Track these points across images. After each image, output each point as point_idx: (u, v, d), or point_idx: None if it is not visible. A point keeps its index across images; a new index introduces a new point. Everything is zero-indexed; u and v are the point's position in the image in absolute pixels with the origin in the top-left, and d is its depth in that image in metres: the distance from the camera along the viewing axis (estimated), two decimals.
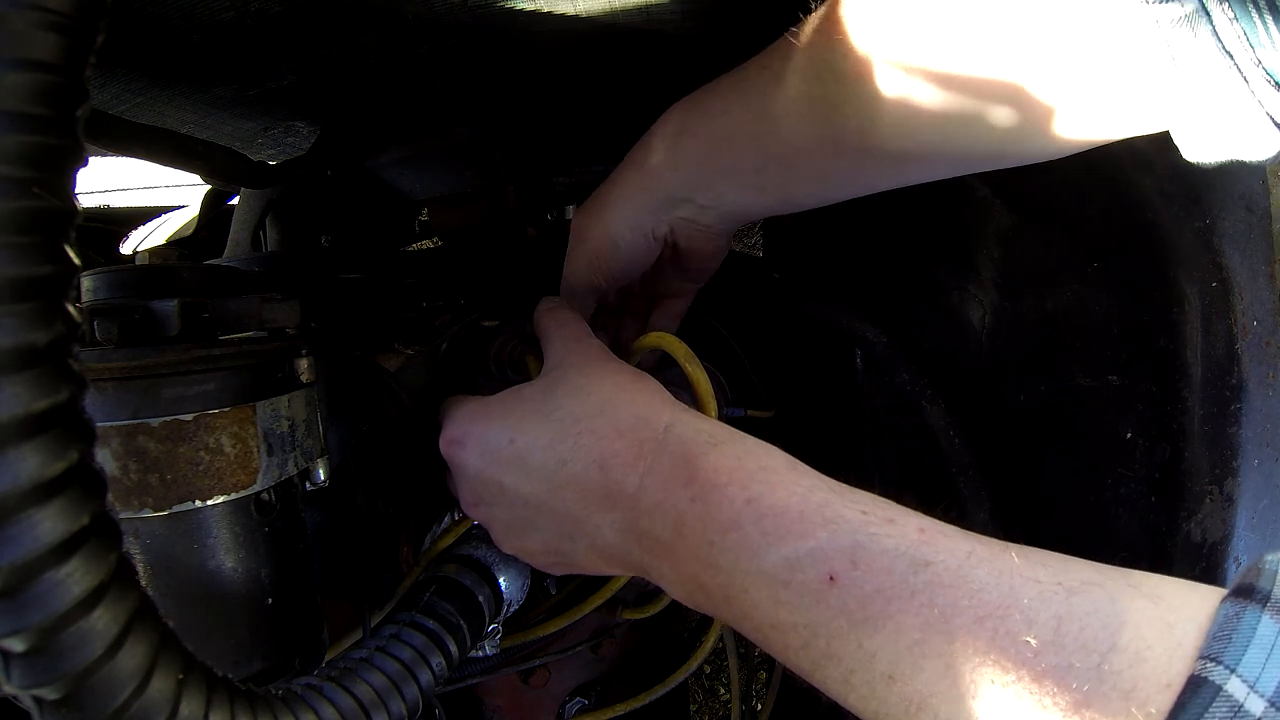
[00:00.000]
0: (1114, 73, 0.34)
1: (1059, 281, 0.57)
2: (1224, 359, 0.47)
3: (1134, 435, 0.52)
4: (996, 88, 0.38)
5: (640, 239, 0.55)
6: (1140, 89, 0.34)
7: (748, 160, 0.49)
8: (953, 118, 0.40)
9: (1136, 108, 0.35)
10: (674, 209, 0.53)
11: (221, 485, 0.40)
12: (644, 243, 0.55)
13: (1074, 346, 0.56)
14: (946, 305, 0.65)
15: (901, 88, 0.40)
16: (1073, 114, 0.37)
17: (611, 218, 0.55)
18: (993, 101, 0.38)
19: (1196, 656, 0.28)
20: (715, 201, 0.52)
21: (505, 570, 0.57)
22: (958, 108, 0.39)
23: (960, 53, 0.38)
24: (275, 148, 0.81)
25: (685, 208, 0.53)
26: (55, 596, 0.24)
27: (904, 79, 0.40)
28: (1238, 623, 0.27)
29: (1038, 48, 0.36)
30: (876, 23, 0.40)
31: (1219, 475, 0.48)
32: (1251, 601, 0.28)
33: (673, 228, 0.55)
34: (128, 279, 0.42)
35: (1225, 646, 0.27)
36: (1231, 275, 0.47)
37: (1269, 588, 0.28)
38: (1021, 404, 0.61)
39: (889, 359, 0.67)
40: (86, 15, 0.24)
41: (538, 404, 0.46)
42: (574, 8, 0.50)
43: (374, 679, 0.42)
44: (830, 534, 0.35)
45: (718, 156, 0.50)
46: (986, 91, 0.38)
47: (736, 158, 0.49)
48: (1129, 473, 0.53)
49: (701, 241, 0.56)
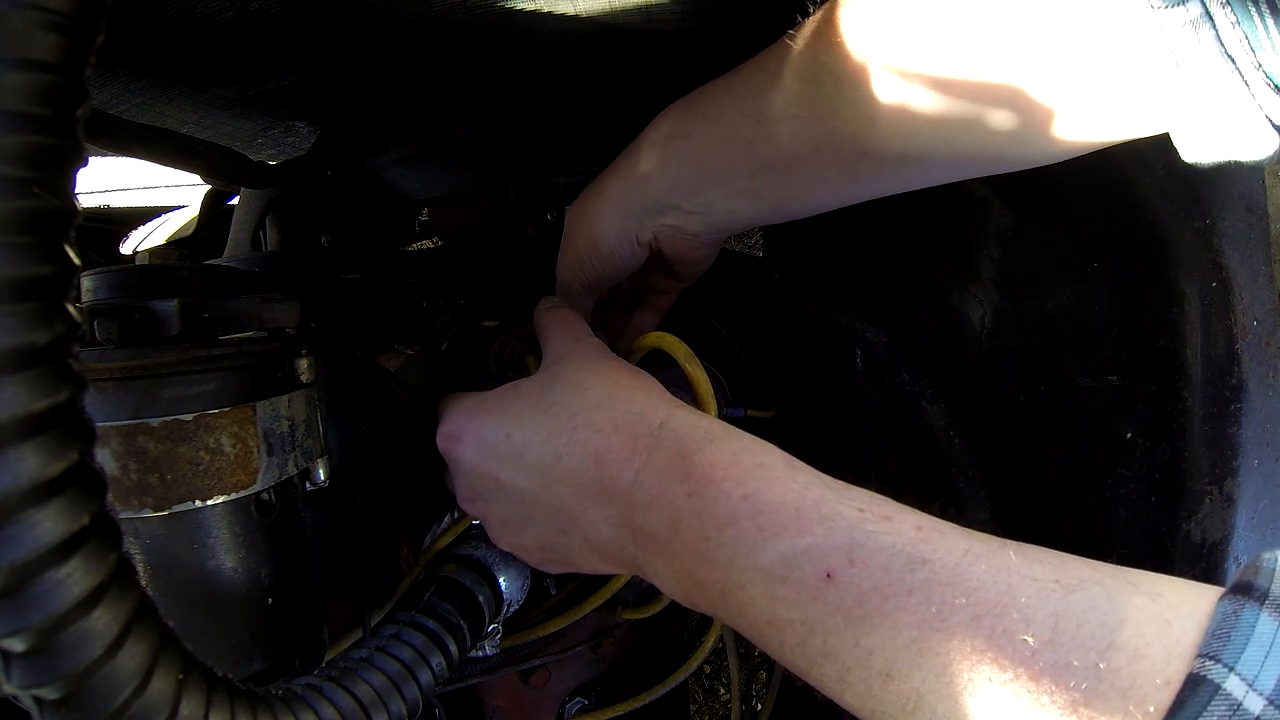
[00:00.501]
0: (1114, 75, 0.34)
1: (1059, 281, 0.57)
2: (1224, 359, 0.47)
3: (1134, 435, 0.52)
4: (996, 91, 0.38)
5: (625, 245, 0.55)
6: (1141, 91, 0.34)
7: (741, 165, 0.48)
8: (952, 121, 0.40)
9: (1136, 110, 0.35)
10: (660, 216, 0.53)
11: (221, 485, 0.40)
12: (629, 248, 0.55)
13: (1074, 346, 0.56)
14: (946, 305, 0.65)
15: (900, 90, 0.40)
16: (1072, 117, 0.37)
17: (597, 223, 0.55)
18: (992, 105, 0.38)
19: (1195, 654, 0.27)
20: (703, 209, 0.52)
21: (505, 570, 0.57)
22: (957, 111, 0.39)
23: (960, 56, 0.38)
24: (275, 148, 0.81)
25: (672, 214, 0.53)
26: (55, 596, 0.24)
27: (902, 82, 0.40)
28: (1236, 620, 0.27)
29: (1037, 50, 0.36)
30: (875, 25, 0.40)
31: (1219, 475, 0.48)
32: (1250, 599, 0.28)
33: (657, 234, 0.54)
34: (128, 279, 0.42)
35: (1224, 644, 0.27)
36: (1231, 275, 0.47)
37: (1267, 585, 0.28)
38: (1021, 404, 0.61)
39: (889, 359, 0.67)
40: (86, 15, 0.24)
41: (535, 399, 0.46)
42: (574, 8, 0.50)
43: (374, 679, 0.42)
44: (827, 531, 0.35)
45: (710, 162, 0.49)
46: (986, 95, 0.38)
47: (730, 163, 0.49)
48: (1129, 473, 0.53)
49: (687, 249, 0.56)
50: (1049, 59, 0.36)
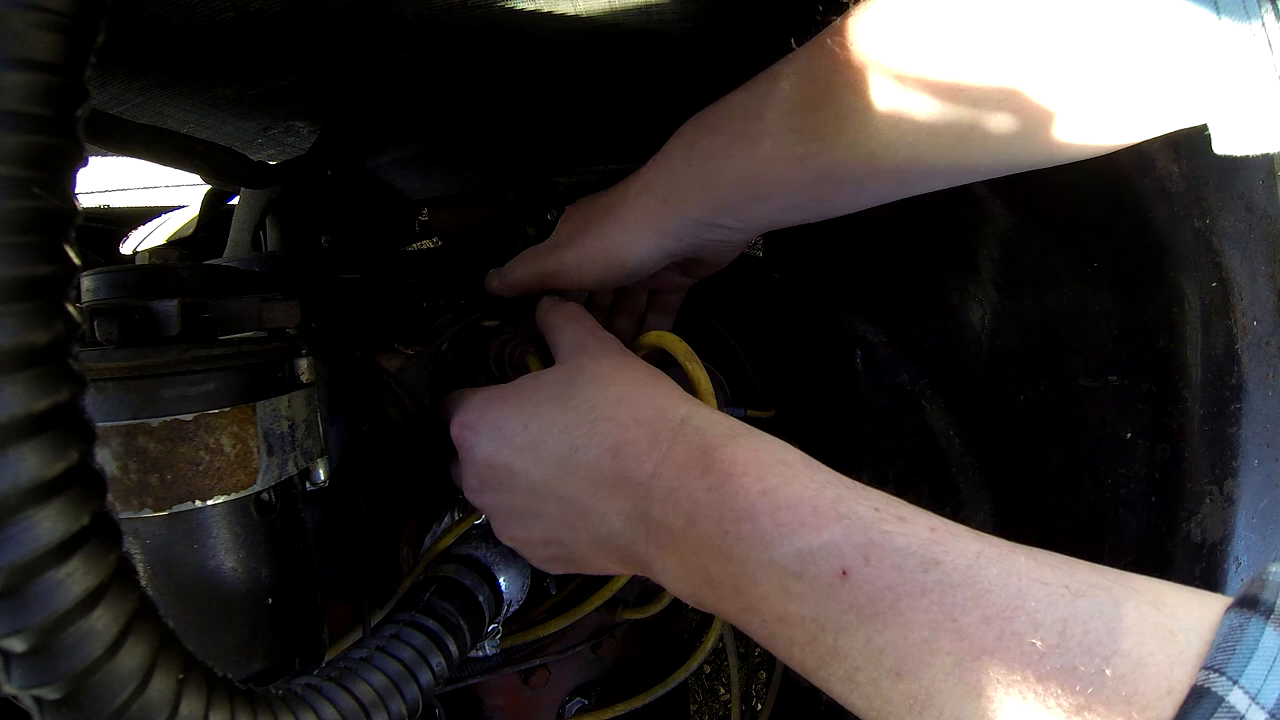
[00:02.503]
0: (1148, 72, 0.35)
1: (1059, 281, 0.57)
2: (1224, 359, 0.47)
3: (1134, 435, 0.52)
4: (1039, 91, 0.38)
5: (659, 259, 0.54)
6: (1176, 87, 0.34)
7: (791, 182, 0.47)
8: (991, 126, 0.39)
9: (1168, 107, 0.35)
10: (703, 233, 0.52)
11: (221, 485, 0.40)
12: (661, 261, 0.54)
13: (1074, 346, 0.56)
14: (946, 305, 0.65)
15: (946, 107, 0.40)
16: (1100, 114, 0.37)
17: (628, 240, 0.53)
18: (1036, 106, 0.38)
19: (1199, 665, 0.28)
20: (748, 223, 0.51)
21: (505, 570, 0.57)
22: (982, 118, 0.39)
23: (998, 59, 0.38)
24: (275, 148, 0.82)
25: (715, 231, 0.52)
26: (55, 596, 0.24)
27: (947, 97, 0.40)
28: (1241, 635, 0.28)
29: (1066, 49, 0.36)
30: (910, 27, 0.40)
31: (1219, 475, 0.48)
32: (1256, 613, 0.28)
33: (696, 247, 0.54)
34: (128, 279, 0.42)
35: (1229, 658, 0.27)
36: (1231, 275, 0.47)
37: (1273, 600, 0.28)
38: (1021, 404, 0.61)
39: (889, 359, 0.67)
40: (86, 15, 0.24)
41: (556, 391, 0.47)
42: (574, 8, 0.50)
43: (374, 679, 0.42)
44: (844, 529, 0.35)
45: (757, 183, 0.48)
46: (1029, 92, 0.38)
47: (779, 182, 0.47)
48: (1129, 473, 0.53)
49: (724, 252, 0.56)
50: (1074, 57, 0.36)
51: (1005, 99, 0.38)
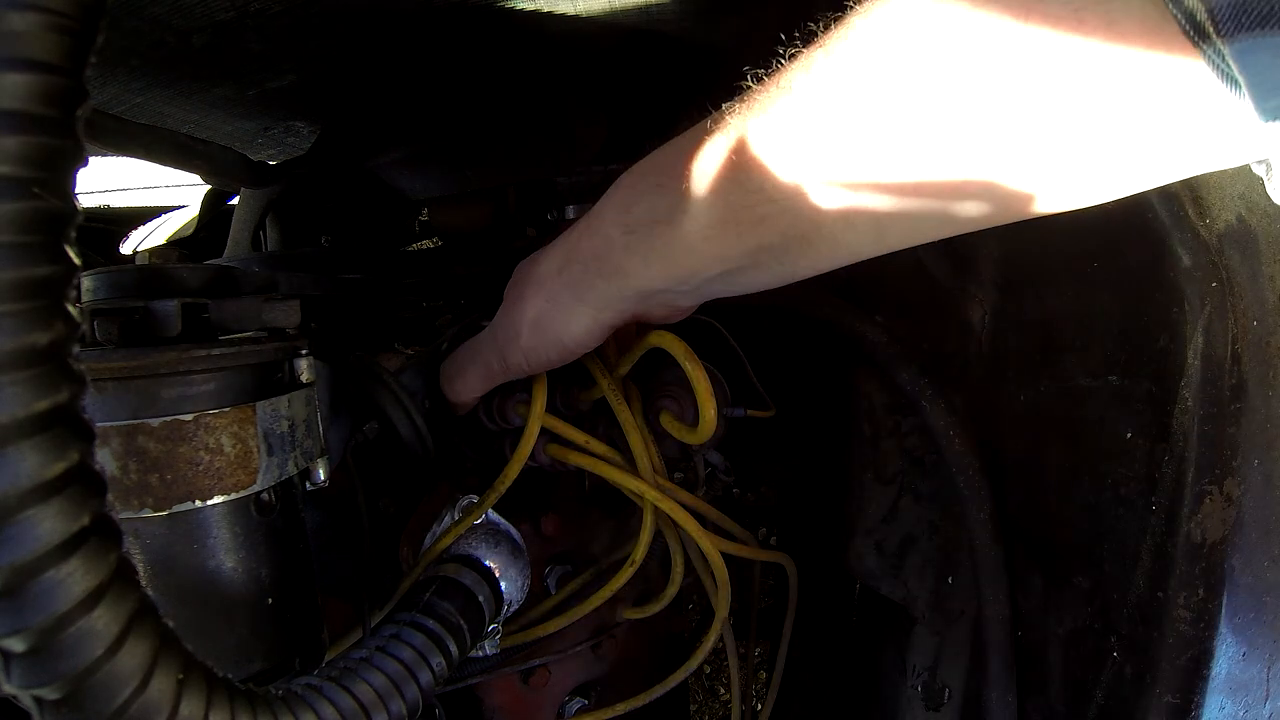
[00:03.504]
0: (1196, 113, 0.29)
1: (1059, 281, 0.57)
2: (1224, 359, 0.47)
3: (1134, 435, 0.52)
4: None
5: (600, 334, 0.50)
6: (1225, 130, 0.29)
7: (749, 244, 0.41)
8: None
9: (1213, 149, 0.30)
10: (644, 301, 0.48)
11: (221, 485, 0.40)
12: (603, 335, 0.50)
13: (1074, 346, 0.56)
14: (946, 305, 0.65)
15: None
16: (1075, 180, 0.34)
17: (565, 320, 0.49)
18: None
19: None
20: (697, 290, 0.46)
21: (505, 570, 0.57)
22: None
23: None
24: (275, 148, 0.82)
25: (658, 298, 0.47)
26: (55, 596, 0.24)
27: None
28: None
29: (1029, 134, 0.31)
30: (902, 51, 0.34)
31: (1219, 475, 0.48)
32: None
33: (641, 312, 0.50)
34: (128, 279, 0.42)
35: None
36: (1231, 275, 0.47)
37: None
38: (1021, 404, 0.61)
39: (889, 359, 0.67)
40: (86, 15, 0.24)
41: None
42: (574, 8, 0.50)
43: (374, 679, 0.42)
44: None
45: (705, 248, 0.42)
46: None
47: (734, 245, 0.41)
48: (1129, 473, 0.53)
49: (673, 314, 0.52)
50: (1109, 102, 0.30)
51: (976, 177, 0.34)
